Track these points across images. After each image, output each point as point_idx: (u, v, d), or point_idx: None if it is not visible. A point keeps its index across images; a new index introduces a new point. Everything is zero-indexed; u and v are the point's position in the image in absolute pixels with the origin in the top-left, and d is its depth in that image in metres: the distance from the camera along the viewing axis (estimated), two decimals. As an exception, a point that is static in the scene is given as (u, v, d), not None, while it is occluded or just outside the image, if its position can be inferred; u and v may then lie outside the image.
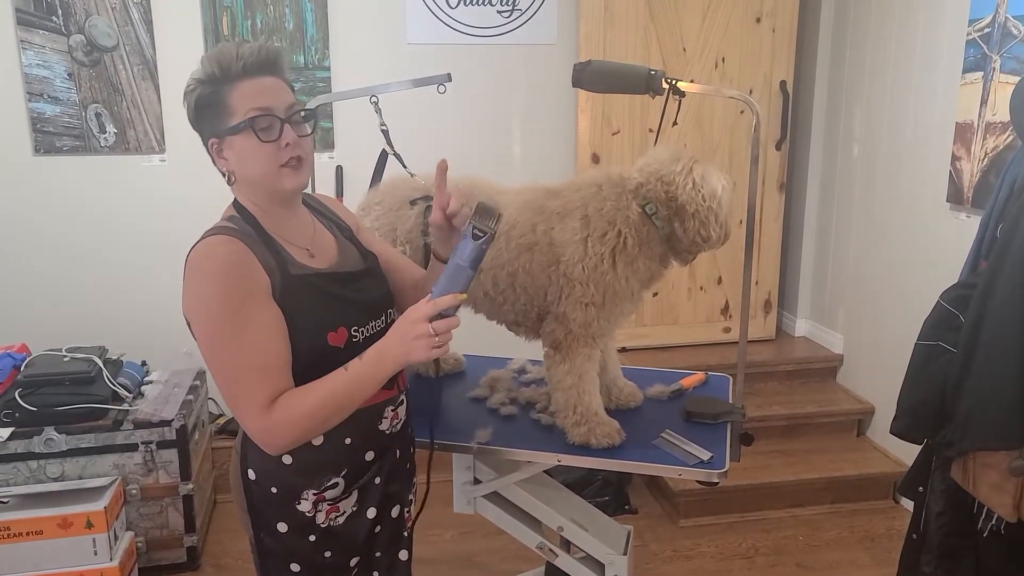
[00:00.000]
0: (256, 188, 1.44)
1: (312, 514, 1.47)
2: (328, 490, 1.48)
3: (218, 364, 1.36)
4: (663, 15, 3.64)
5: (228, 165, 1.43)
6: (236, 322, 1.32)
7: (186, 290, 1.37)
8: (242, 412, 1.36)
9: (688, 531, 3.20)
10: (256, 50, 1.39)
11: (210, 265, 1.34)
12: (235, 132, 1.38)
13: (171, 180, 3.41)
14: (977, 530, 1.98)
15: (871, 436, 3.64)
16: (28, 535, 2.56)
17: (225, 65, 1.38)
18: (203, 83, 1.40)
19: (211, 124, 1.41)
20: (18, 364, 2.90)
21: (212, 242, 1.37)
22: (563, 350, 1.90)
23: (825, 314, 3.97)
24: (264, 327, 1.34)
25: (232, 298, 1.33)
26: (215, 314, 1.33)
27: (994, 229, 2.02)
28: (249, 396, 1.34)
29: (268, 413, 1.34)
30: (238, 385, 1.35)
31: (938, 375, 1.98)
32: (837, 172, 3.81)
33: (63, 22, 3.23)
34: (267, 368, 1.34)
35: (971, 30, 2.89)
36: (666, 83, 2.01)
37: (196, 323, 1.37)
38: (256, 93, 1.38)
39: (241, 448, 1.50)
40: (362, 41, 3.50)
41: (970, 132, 2.91)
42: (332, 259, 1.51)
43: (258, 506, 1.48)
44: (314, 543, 1.48)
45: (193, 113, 1.43)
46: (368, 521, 1.54)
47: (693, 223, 1.80)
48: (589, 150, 3.69)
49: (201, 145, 1.46)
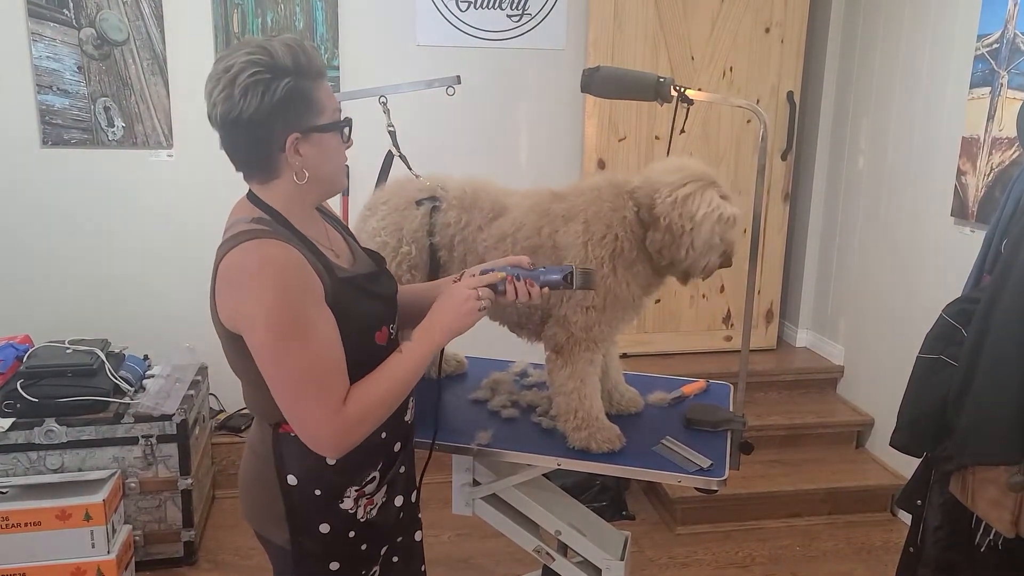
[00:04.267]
0: (322, 187, 1.42)
1: (353, 510, 1.48)
2: (368, 484, 1.49)
3: (285, 371, 1.31)
4: (672, 23, 3.65)
5: (303, 162, 1.37)
6: (303, 327, 1.29)
7: (236, 297, 1.31)
8: (314, 417, 1.32)
9: (685, 539, 3.20)
10: (316, 53, 1.38)
11: (270, 270, 1.29)
12: (327, 130, 1.37)
13: (178, 175, 3.42)
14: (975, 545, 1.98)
15: (870, 448, 3.64)
16: (26, 526, 2.57)
17: (304, 61, 1.34)
18: (291, 74, 1.32)
19: (296, 118, 1.34)
20: (21, 355, 2.91)
21: (262, 245, 1.30)
22: (565, 354, 1.90)
23: (827, 325, 3.98)
24: (327, 330, 1.33)
25: (298, 303, 1.29)
26: (282, 320, 1.28)
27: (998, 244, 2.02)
28: (322, 400, 1.32)
29: (342, 413, 1.33)
30: (309, 390, 1.31)
31: (939, 389, 1.98)
32: (842, 184, 3.81)
33: (74, 15, 3.24)
34: (336, 370, 1.34)
35: (979, 45, 2.90)
36: (675, 91, 2.01)
37: (257, 330, 1.30)
38: (331, 95, 1.40)
39: (275, 455, 1.44)
40: (371, 42, 3.51)
41: (976, 147, 2.92)
42: (350, 260, 1.50)
43: (299, 511, 1.45)
44: (353, 538, 1.49)
45: (272, 104, 1.31)
46: (395, 508, 1.58)
47: (663, 237, 1.77)
48: (595, 156, 3.70)
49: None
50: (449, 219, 1.94)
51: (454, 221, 1.93)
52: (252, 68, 1.30)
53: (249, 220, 1.37)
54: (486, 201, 1.95)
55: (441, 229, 1.94)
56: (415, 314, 1.56)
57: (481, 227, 1.93)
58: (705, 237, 1.75)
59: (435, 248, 1.96)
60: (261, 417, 1.46)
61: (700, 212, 1.74)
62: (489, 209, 1.94)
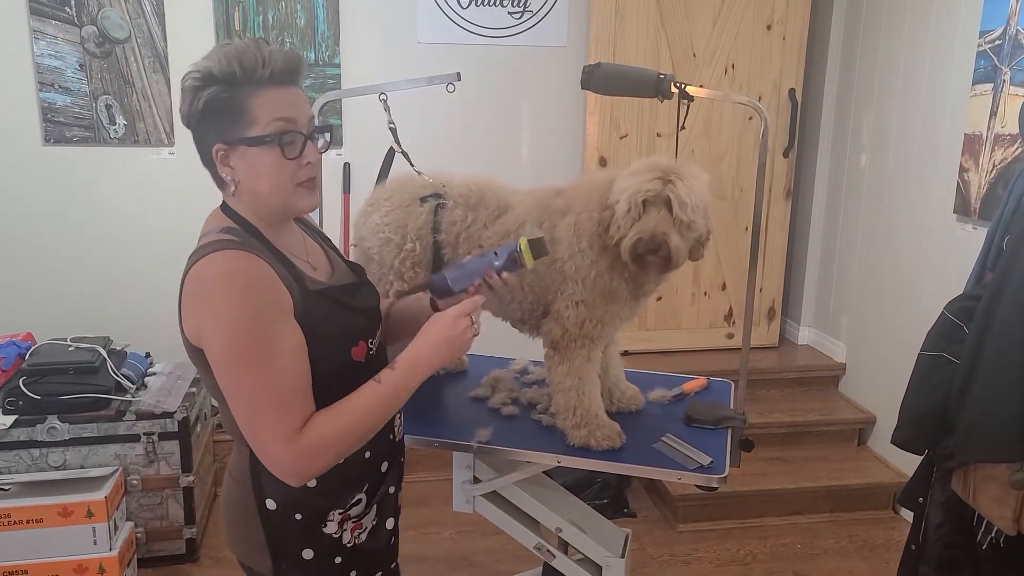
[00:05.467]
0: (261, 203, 1.33)
1: (338, 535, 1.41)
2: (352, 507, 1.42)
3: (241, 391, 1.24)
4: (674, 20, 3.64)
5: (234, 175, 1.31)
6: (265, 345, 1.22)
7: (199, 311, 1.26)
8: (269, 441, 1.25)
9: (686, 536, 3.20)
10: (284, 56, 1.29)
11: (234, 283, 1.23)
12: (256, 144, 1.27)
13: (180, 173, 3.42)
14: (976, 543, 1.98)
15: (872, 446, 3.63)
16: (28, 523, 2.57)
17: (248, 67, 1.26)
18: (219, 82, 1.26)
19: (221, 128, 1.28)
20: (23, 352, 2.91)
21: (228, 257, 1.24)
22: (561, 350, 1.90)
23: (828, 323, 3.97)
24: (291, 348, 1.26)
25: (261, 318, 1.23)
26: (242, 336, 1.22)
27: (1000, 241, 2.02)
28: (279, 423, 1.24)
29: (299, 439, 1.24)
30: (266, 412, 1.24)
31: (941, 386, 1.98)
32: (844, 181, 3.81)
33: (76, 13, 3.24)
34: (297, 391, 1.26)
35: (982, 41, 2.89)
36: (675, 87, 2.01)
37: (216, 345, 1.24)
38: (282, 104, 1.28)
39: (252, 479, 1.37)
40: (373, 39, 3.50)
41: (979, 144, 2.91)
42: (328, 271, 1.45)
43: (280, 537, 1.38)
44: (340, 564, 1.42)
45: (199, 112, 1.28)
46: (387, 532, 1.51)
47: (607, 215, 1.80)
48: (597, 153, 3.69)
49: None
50: (455, 217, 1.94)
51: (460, 219, 1.93)
52: (192, 74, 1.29)
53: (219, 230, 1.31)
54: (491, 199, 1.95)
55: (447, 227, 1.94)
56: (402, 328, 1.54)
57: (486, 225, 1.93)
58: (622, 210, 1.75)
59: (439, 245, 1.96)
60: (237, 438, 1.37)
61: (622, 185, 1.77)
62: (495, 207, 1.94)
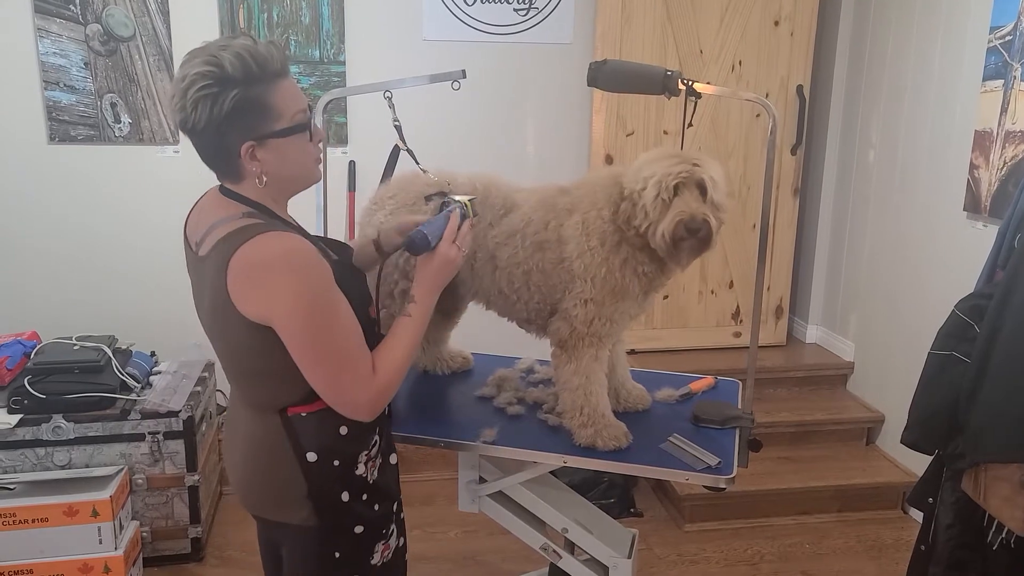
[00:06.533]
0: (284, 186, 1.46)
1: (364, 474, 1.54)
2: (373, 448, 1.56)
3: (323, 352, 1.39)
4: (680, 17, 3.62)
5: (262, 167, 1.40)
6: (332, 311, 1.39)
7: (265, 293, 1.34)
8: (353, 388, 1.42)
9: (693, 536, 3.18)
10: (281, 49, 1.41)
11: (293, 261, 1.35)
12: (286, 135, 1.39)
13: (184, 171, 3.40)
14: (986, 543, 1.96)
15: (881, 445, 3.61)
16: (34, 522, 2.57)
17: (262, 63, 1.36)
18: (239, 83, 1.34)
19: (248, 127, 1.37)
20: (28, 351, 2.91)
21: (277, 238, 1.35)
22: (569, 349, 1.89)
23: (837, 321, 3.95)
24: (346, 310, 1.42)
25: (323, 288, 1.38)
26: (314, 306, 1.36)
27: (1011, 239, 2.00)
28: (358, 371, 1.42)
29: (375, 380, 1.44)
30: (346, 368, 1.41)
31: (951, 386, 1.96)
32: (853, 178, 3.78)
33: (80, 11, 3.24)
34: (361, 343, 1.44)
35: (992, 37, 2.86)
36: (682, 84, 1.99)
37: (293, 320, 1.36)
38: (296, 94, 1.41)
39: (290, 439, 1.48)
40: (378, 36, 3.49)
41: (989, 140, 2.88)
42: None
43: (321, 485, 1.50)
44: (367, 500, 1.55)
45: (222, 116, 1.34)
46: (391, 467, 1.64)
47: (627, 206, 1.78)
48: (603, 151, 3.67)
49: None
50: None
51: None
52: (201, 81, 1.33)
53: (241, 215, 1.41)
54: (497, 198, 1.94)
55: None
56: None
57: (492, 223, 1.92)
58: (650, 196, 1.72)
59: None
60: (264, 408, 1.49)
61: (645, 172, 1.75)
62: (500, 206, 1.93)
